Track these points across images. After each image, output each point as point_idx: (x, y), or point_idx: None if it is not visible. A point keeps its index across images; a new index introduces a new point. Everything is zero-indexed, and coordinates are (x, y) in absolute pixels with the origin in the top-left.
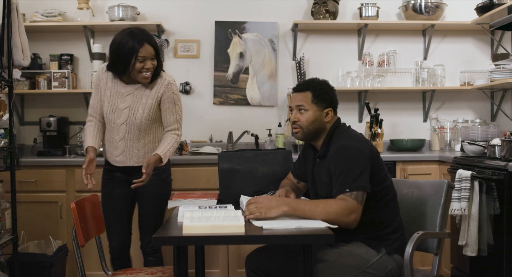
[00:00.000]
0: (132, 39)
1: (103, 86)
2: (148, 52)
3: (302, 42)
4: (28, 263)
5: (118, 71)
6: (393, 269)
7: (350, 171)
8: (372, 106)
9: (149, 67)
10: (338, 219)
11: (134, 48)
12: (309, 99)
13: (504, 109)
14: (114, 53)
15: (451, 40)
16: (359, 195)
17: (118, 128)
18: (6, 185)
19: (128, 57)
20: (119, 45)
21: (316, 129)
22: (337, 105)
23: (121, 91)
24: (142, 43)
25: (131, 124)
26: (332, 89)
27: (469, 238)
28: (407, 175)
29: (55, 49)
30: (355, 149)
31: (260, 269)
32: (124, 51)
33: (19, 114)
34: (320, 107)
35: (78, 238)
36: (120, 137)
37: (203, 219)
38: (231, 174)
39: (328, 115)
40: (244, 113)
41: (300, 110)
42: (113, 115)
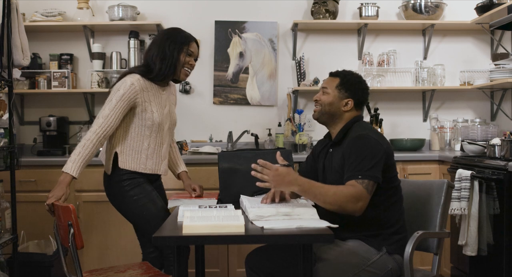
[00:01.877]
0: (182, 33)
1: (145, 97)
2: (195, 49)
3: (302, 42)
4: (28, 263)
5: (165, 67)
6: (393, 269)
7: (365, 159)
8: (372, 106)
9: (193, 64)
10: (346, 205)
11: (188, 38)
12: (334, 84)
13: (504, 109)
14: (163, 46)
15: (451, 39)
16: (369, 184)
17: (166, 134)
18: (6, 184)
19: (181, 47)
20: (169, 37)
21: (331, 112)
22: (362, 100)
23: (161, 96)
24: (192, 38)
25: (171, 129)
26: (362, 84)
27: (469, 237)
28: (407, 174)
29: (55, 48)
30: (374, 140)
31: (260, 269)
32: (178, 41)
33: (19, 113)
34: (342, 95)
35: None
36: (167, 144)
37: (203, 219)
38: (231, 173)
39: (347, 105)
40: (244, 112)
41: (323, 92)
42: (163, 122)
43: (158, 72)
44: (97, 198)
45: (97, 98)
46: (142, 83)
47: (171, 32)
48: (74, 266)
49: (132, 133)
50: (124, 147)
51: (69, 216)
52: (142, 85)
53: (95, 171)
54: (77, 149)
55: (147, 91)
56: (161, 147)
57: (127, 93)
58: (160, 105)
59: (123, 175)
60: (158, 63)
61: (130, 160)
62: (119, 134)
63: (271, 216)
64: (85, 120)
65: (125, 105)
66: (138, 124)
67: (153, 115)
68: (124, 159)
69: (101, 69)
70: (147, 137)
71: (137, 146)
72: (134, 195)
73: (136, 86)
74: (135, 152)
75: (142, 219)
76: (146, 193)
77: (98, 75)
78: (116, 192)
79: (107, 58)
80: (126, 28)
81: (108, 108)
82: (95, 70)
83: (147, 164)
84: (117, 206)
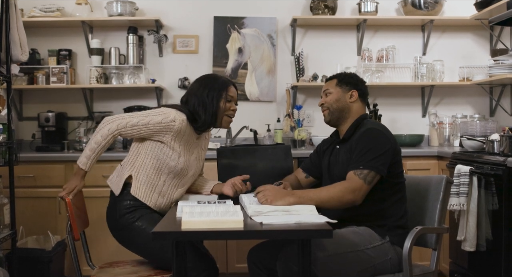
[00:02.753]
0: (219, 79)
1: (177, 139)
2: (234, 93)
3: (301, 38)
4: (27, 258)
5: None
6: (393, 259)
7: (370, 151)
8: (371, 102)
9: (235, 109)
10: (342, 197)
11: (225, 84)
12: (334, 83)
13: (503, 105)
14: (200, 95)
15: (450, 35)
16: (369, 175)
17: (187, 180)
18: (5, 180)
19: (219, 94)
20: (207, 85)
21: (341, 108)
22: (364, 90)
23: (193, 142)
24: (229, 83)
25: (196, 175)
26: (359, 77)
27: (468, 233)
28: (406, 170)
29: (54, 44)
30: (382, 134)
31: (263, 264)
32: (215, 88)
33: (18, 109)
34: (344, 89)
35: (74, 232)
36: (183, 189)
37: (202, 214)
38: (230, 169)
39: (352, 96)
40: (242, 108)
41: (326, 94)
42: (188, 168)
43: (204, 122)
44: None
45: (95, 94)
46: (184, 126)
47: (206, 79)
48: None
49: (153, 165)
50: (140, 175)
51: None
52: (182, 128)
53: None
54: (92, 145)
55: (182, 135)
56: (176, 189)
57: (162, 124)
58: (189, 151)
59: (130, 200)
60: (202, 114)
61: (143, 190)
62: (140, 160)
63: (270, 212)
64: (84, 116)
65: (152, 132)
66: (162, 159)
67: (179, 159)
68: (137, 187)
69: (100, 65)
70: (165, 174)
71: (153, 180)
72: (142, 225)
73: (175, 125)
74: (149, 184)
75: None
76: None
77: (96, 70)
78: (122, 222)
79: (106, 53)
80: (124, 24)
81: (138, 120)
82: (93, 65)
83: (157, 201)
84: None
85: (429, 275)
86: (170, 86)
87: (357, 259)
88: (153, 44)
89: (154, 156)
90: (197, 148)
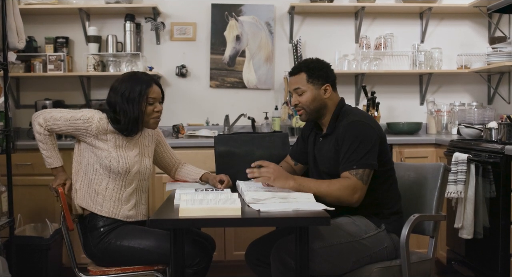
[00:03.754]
0: (139, 80)
1: (102, 137)
2: (157, 93)
3: (299, 25)
4: (25, 246)
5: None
6: (389, 247)
7: (359, 147)
8: (369, 89)
9: (159, 110)
10: (341, 197)
11: (146, 85)
12: (304, 80)
13: (501, 92)
14: (120, 100)
15: (448, 23)
16: (364, 174)
17: (134, 178)
18: (2, 168)
19: (139, 98)
20: (127, 88)
21: (318, 107)
22: (334, 80)
23: (127, 139)
24: (150, 83)
25: (144, 173)
26: (327, 65)
27: (465, 220)
28: (404, 158)
29: (50, 32)
30: (367, 125)
31: (261, 260)
32: (136, 90)
33: (15, 97)
34: (316, 85)
35: (68, 222)
36: (133, 189)
37: (199, 202)
38: (227, 157)
39: (327, 91)
40: (240, 96)
41: (299, 93)
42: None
43: (126, 128)
44: None
45: (93, 82)
46: (103, 124)
47: (125, 81)
48: (67, 247)
49: (91, 170)
50: (82, 183)
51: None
52: (102, 127)
53: None
54: (40, 145)
55: (106, 133)
56: (122, 190)
57: (81, 121)
58: (123, 148)
59: (102, 236)
60: (123, 119)
61: (86, 197)
62: (78, 168)
63: (268, 199)
64: (81, 104)
65: (74, 129)
66: (96, 161)
67: (110, 155)
68: (82, 196)
69: (97, 53)
70: (106, 176)
71: (94, 184)
72: (121, 242)
73: (93, 124)
74: (92, 190)
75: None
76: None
77: (94, 58)
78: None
79: (103, 41)
80: (122, 11)
81: (61, 115)
82: (91, 53)
83: (103, 205)
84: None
85: (426, 263)
86: (168, 73)
87: (353, 249)
88: (150, 31)
89: (90, 161)
90: (137, 145)
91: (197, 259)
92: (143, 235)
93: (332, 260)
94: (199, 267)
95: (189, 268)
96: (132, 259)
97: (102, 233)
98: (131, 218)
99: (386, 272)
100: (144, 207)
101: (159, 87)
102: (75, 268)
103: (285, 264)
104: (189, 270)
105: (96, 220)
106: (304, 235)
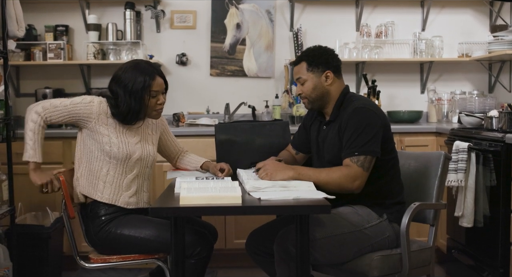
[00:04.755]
0: (143, 72)
1: (102, 121)
2: (160, 85)
3: (299, 13)
4: (25, 235)
5: (129, 114)
6: (390, 237)
7: (362, 133)
8: (370, 78)
9: (162, 102)
10: (342, 184)
11: (150, 77)
12: (304, 69)
13: (502, 81)
14: (123, 91)
15: (449, 11)
16: (366, 161)
17: (135, 165)
18: (3, 157)
19: (142, 92)
20: (130, 79)
21: (320, 95)
22: (337, 65)
23: (129, 126)
24: (153, 75)
25: (146, 161)
26: (327, 52)
27: (465, 209)
28: (404, 146)
29: (50, 20)
30: (371, 112)
31: (261, 249)
32: (139, 81)
33: (15, 85)
34: (317, 73)
35: (69, 210)
36: (134, 175)
37: (200, 190)
38: (228, 145)
39: (328, 78)
40: (241, 84)
41: (301, 82)
42: (129, 152)
43: (124, 116)
44: None
45: (93, 70)
46: (103, 107)
47: (129, 72)
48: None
49: (92, 157)
50: (84, 171)
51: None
52: (102, 110)
53: None
54: (29, 134)
55: (107, 117)
56: (123, 176)
57: (81, 104)
58: (124, 134)
59: (103, 224)
60: (123, 108)
61: (87, 184)
62: (80, 156)
63: (268, 188)
64: (82, 92)
65: (74, 115)
66: (97, 147)
67: (111, 140)
68: (83, 183)
69: (97, 41)
70: (106, 162)
71: (95, 171)
72: (122, 230)
73: (94, 106)
74: (93, 177)
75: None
76: (132, 223)
77: (94, 46)
78: (100, 236)
79: (103, 29)
80: None
81: (60, 102)
82: (91, 41)
83: (104, 192)
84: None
85: (427, 251)
86: (168, 62)
87: (355, 239)
88: (150, 19)
89: (92, 148)
90: (139, 132)
91: (198, 249)
92: (143, 224)
93: (334, 250)
94: (200, 257)
95: (190, 258)
96: (132, 248)
97: (103, 222)
98: (132, 205)
99: (387, 261)
100: (146, 195)
101: (163, 78)
102: (77, 256)
103: (288, 253)
104: (191, 260)
105: (98, 208)
106: (305, 223)
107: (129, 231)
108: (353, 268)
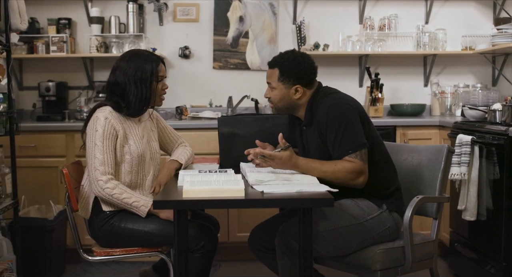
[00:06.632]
0: (148, 59)
1: (123, 128)
2: (164, 71)
3: (302, 6)
4: (29, 228)
5: (141, 102)
6: (391, 228)
7: (346, 131)
8: (373, 71)
9: (166, 87)
10: (347, 180)
11: (156, 63)
12: (276, 77)
13: (506, 74)
14: (132, 80)
15: (453, 3)
16: (362, 154)
17: (149, 165)
18: (6, 150)
19: (151, 78)
20: (137, 67)
21: (286, 106)
22: (310, 79)
23: (137, 126)
24: (158, 61)
25: (154, 158)
26: (303, 64)
27: (469, 202)
28: (407, 140)
29: (53, 13)
30: (344, 105)
31: (263, 245)
32: (147, 69)
33: (18, 79)
34: (287, 85)
35: (72, 203)
36: (151, 175)
37: (203, 183)
38: (231, 138)
39: (297, 92)
40: (244, 77)
41: (270, 88)
42: (144, 153)
43: (134, 108)
44: None
45: (96, 63)
46: (115, 115)
47: (134, 60)
48: (72, 229)
49: (117, 169)
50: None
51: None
52: (115, 118)
53: None
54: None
55: (122, 123)
56: (144, 180)
57: (106, 129)
58: (138, 135)
59: (107, 218)
60: (133, 99)
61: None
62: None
63: (271, 181)
64: (85, 85)
65: (112, 141)
66: (116, 163)
67: (131, 148)
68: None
69: (100, 34)
70: (128, 173)
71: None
72: (126, 224)
73: (110, 119)
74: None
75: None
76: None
77: (97, 39)
78: (104, 230)
79: (106, 22)
80: None
81: (99, 152)
82: (93, 34)
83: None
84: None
85: (429, 244)
86: (171, 55)
87: (357, 231)
88: (153, 12)
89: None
90: (145, 131)
91: (202, 242)
92: (147, 218)
93: (336, 243)
94: (205, 250)
95: (195, 252)
96: (136, 241)
97: (107, 216)
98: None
99: (389, 254)
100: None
101: (163, 63)
102: (80, 249)
103: (290, 247)
104: (196, 254)
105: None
106: (308, 216)
107: (133, 225)
108: (356, 261)
